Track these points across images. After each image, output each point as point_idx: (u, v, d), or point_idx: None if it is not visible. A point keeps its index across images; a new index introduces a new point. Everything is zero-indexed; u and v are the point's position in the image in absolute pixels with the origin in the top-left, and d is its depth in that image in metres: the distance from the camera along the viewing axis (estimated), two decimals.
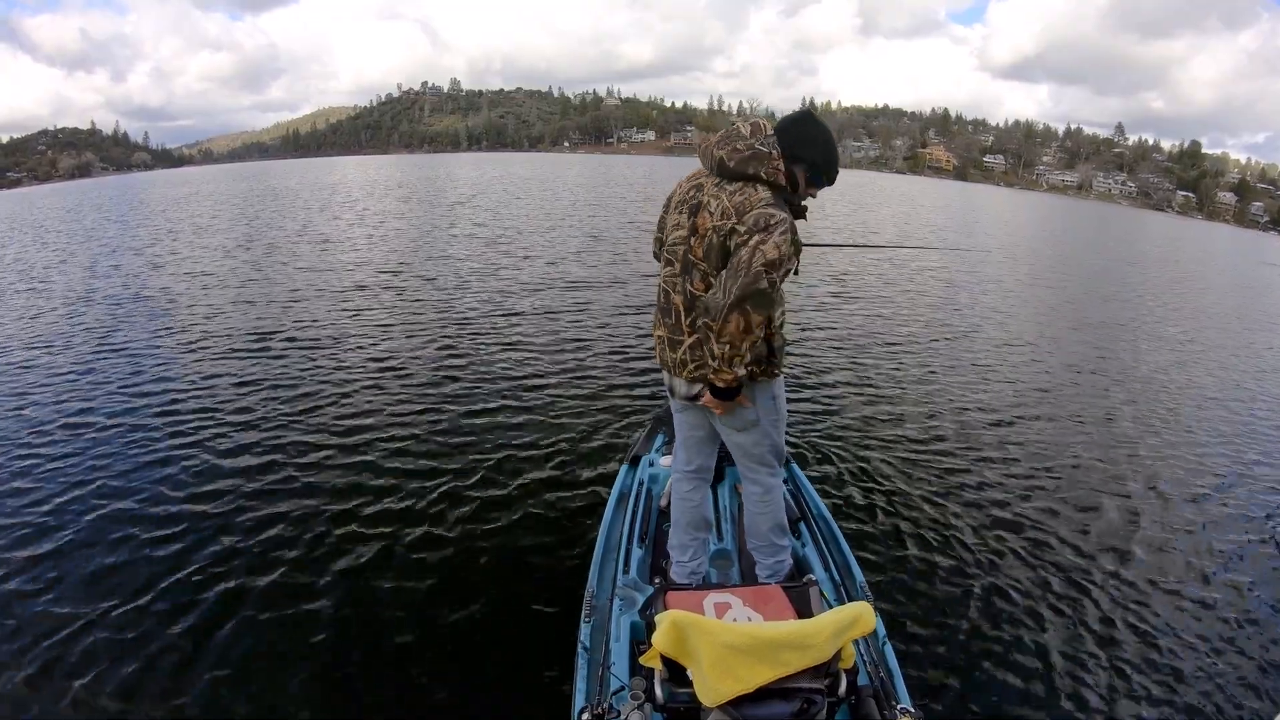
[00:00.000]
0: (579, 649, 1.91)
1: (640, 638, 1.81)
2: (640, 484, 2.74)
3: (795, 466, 2.91)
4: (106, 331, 6.70)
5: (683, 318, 1.93)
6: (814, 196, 1.96)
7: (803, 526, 2.44)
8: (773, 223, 1.72)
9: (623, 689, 1.51)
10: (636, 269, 9.97)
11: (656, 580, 1.77)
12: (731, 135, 1.84)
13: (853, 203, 27.47)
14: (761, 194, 1.77)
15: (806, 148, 1.85)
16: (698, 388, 1.96)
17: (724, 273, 1.77)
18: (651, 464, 2.91)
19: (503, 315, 7.34)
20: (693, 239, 1.86)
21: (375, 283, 8.97)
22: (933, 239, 17.53)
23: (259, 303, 7.89)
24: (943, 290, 10.25)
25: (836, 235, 14.86)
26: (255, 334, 6.54)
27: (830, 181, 1.92)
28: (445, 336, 6.55)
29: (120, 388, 5.08)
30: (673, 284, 1.95)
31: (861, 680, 1.60)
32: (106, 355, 5.90)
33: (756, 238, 1.71)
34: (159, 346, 6.19)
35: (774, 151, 1.80)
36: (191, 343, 6.27)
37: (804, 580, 1.66)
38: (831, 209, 22.69)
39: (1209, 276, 17.62)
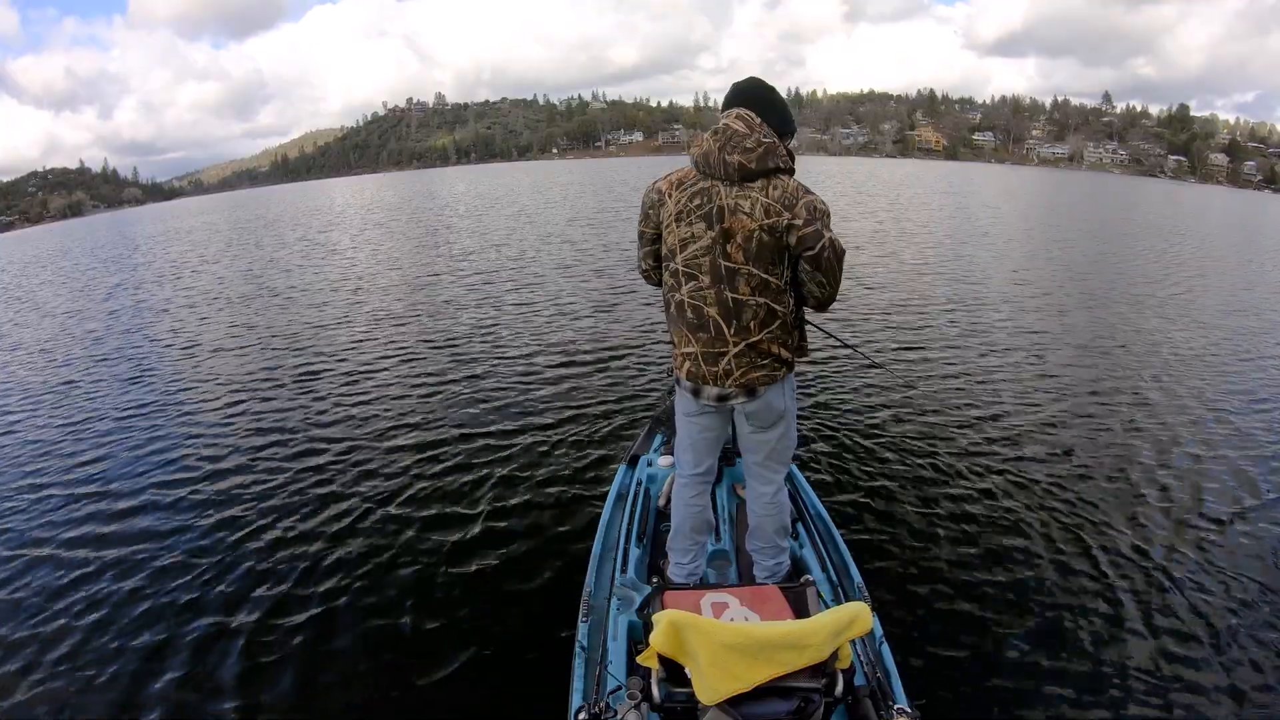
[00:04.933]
0: (576, 648, 1.90)
1: (638, 637, 1.80)
2: (638, 484, 2.72)
3: (793, 466, 2.88)
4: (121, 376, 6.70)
5: (725, 329, 1.87)
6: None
7: (800, 527, 2.41)
8: (819, 208, 1.80)
9: (620, 688, 1.49)
10: (625, 271, 9.95)
11: (654, 580, 1.75)
12: (733, 137, 1.80)
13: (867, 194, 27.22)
14: (790, 182, 1.81)
15: (780, 116, 1.89)
16: (732, 390, 1.91)
17: (804, 265, 1.83)
18: (650, 464, 2.89)
19: (499, 323, 7.37)
20: (728, 245, 1.81)
21: (375, 295, 9.03)
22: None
23: (277, 315, 7.93)
24: (949, 280, 9.88)
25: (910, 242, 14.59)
26: (264, 345, 6.56)
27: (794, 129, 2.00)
28: (441, 342, 6.57)
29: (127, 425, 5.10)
30: (703, 297, 1.87)
31: (858, 680, 1.59)
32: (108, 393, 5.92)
33: (815, 226, 1.78)
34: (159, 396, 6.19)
35: (775, 139, 1.82)
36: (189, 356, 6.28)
37: (801, 581, 1.64)
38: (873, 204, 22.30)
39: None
